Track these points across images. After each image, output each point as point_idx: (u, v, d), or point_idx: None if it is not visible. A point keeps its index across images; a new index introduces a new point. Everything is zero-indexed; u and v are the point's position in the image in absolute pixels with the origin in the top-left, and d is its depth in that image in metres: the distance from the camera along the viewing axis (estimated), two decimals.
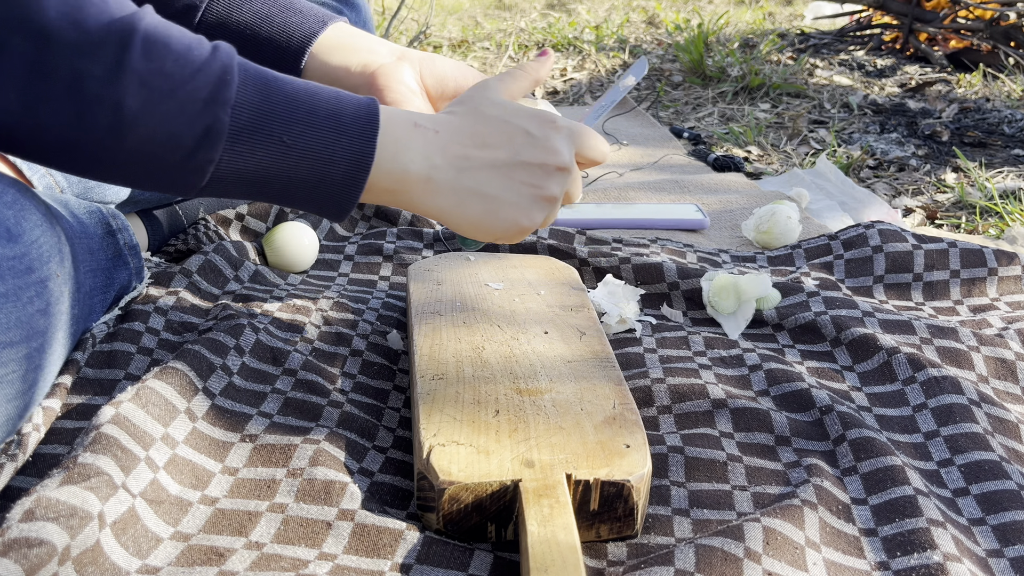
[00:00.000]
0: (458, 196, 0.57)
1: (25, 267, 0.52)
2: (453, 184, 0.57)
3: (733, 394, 0.68)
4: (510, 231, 0.59)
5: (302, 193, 0.54)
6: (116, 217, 0.74)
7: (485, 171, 0.57)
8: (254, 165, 0.51)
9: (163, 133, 0.48)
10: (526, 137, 0.58)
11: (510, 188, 0.58)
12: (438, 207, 0.57)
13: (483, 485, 0.52)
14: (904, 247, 0.91)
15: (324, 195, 0.54)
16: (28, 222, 0.53)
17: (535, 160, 0.58)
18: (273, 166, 0.52)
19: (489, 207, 0.58)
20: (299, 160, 0.52)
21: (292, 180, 0.52)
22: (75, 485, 0.48)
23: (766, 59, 2.34)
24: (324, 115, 0.52)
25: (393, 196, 0.56)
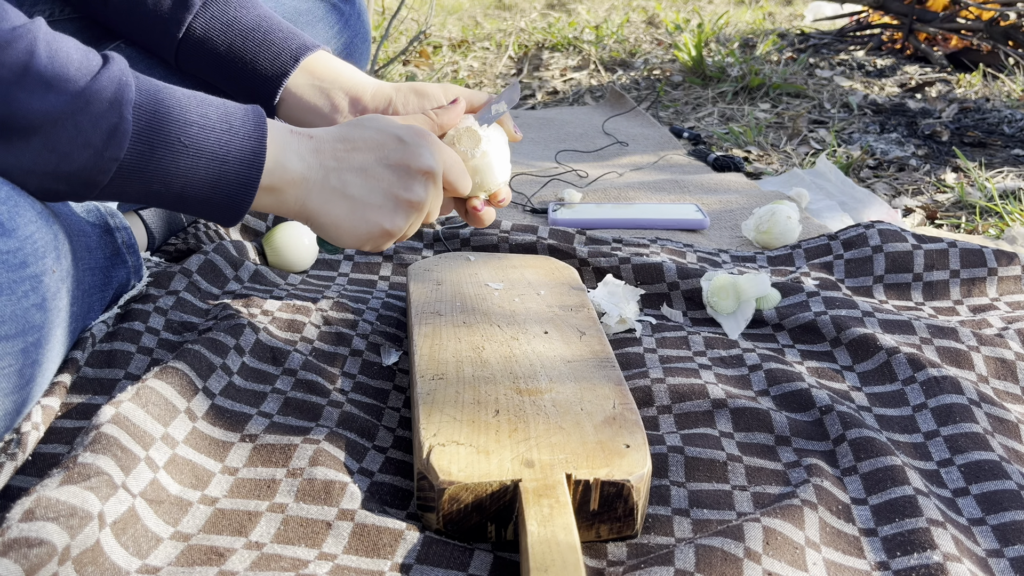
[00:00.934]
0: (325, 196, 0.60)
1: (19, 261, 0.52)
2: (322, 184, 0.60)
3: (733, 394, 0.68)
4: (373, 233, 0.62)
5: (200, 193, 0.56)
6: (114, 216, 0.74)
7: (351, 172, 0.60)
8: (155, 165, 0.53)
9: (70, 133, 0.50)
10: (395, 142, 0.61)
11: (374, 190, 0.61)
12: (309, 208, 0.60)
13: (483, 485, 0.52)
14: (904, 247, 0.91)
15: (221, 195, 0.56)
16: (23, 218, 0.54)
17: (400, 161, 0.61)
18: (172, 165, 0.54)
19: (353, 208, 0.61)
20: (196, 159, 0.54)
21: (190, 180, 0.55)
22: (75, 485, 0.48)
23: (766, 59, 2.34)
24: (216, 118, 0.55)
25: (273, 196, 0.59)
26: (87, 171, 0.52)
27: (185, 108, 0.54)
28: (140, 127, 0.52)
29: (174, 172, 0.54)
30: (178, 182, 0.55)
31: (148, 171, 0.53)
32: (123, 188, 0.54)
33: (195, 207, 0.57)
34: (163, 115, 0.53)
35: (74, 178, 0.52)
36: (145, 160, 0.53)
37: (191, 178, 0.55)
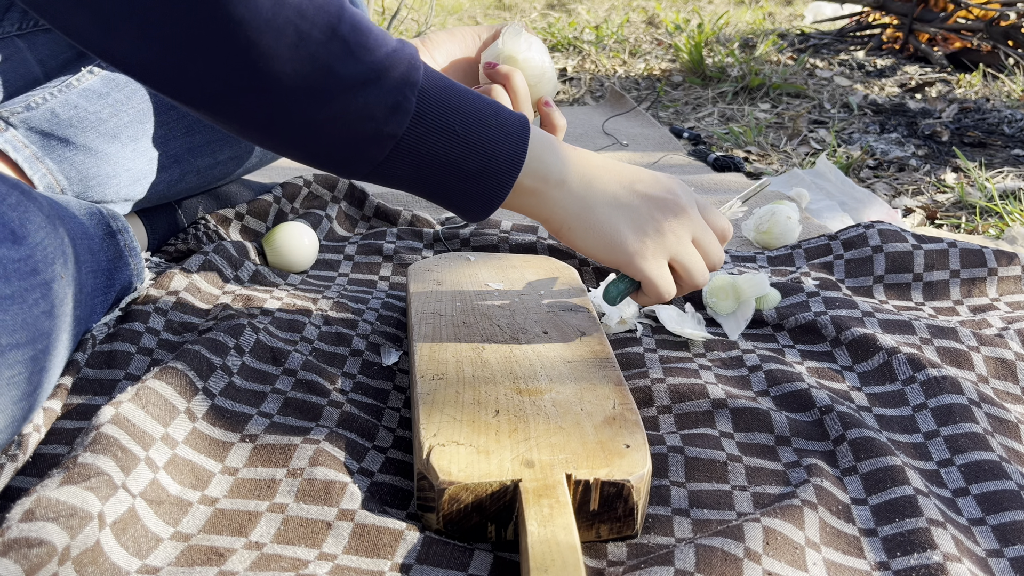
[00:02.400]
0: (584, 205, 0.62)
1: (30, 269, 0.52)
2: (583, 194, 0.62)
3: (733, 394, 0.68)
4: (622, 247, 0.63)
5: (462, 184, 0.58)
6: (116, 218, 0.74)
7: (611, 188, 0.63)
8: (427, 149, 0.55)
9: (359, 103, 0.51)
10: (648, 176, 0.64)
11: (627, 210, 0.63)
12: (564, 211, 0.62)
13: (483, 485, 0.52)
14: (904, 247, 0.91)
15: (480, 187, 0.58)
16: (32, 224, 0.53)
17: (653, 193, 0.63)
18: (443, 153, 0.55)
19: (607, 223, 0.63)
20: (466, 150, 0.56)
21: (458, 169, 0.57)
22: (75, 485, 0.48)
23: (766, 59, 2.34)
24: (489, 114, 0.57)
25: (531, 197, 0.61)
26: (366, 144, 0.53)
27: (463, 100, 0.56)
28: (423, 109, 0.54)
29: (444, 159, 0.56)
30: (446, 170, 0.56)
31: (421, 154, 0.55)
32: (393, 169, 0.55)
33: (453, 197, 0.58)
34: (444, 103, 0.55)
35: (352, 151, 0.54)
36: (420, 142, 0.54)
37: (459, 167, 0.56)
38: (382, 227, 1.02)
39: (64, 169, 0.77)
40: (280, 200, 0.99)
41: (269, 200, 0.98)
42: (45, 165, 0.75)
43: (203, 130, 0.88)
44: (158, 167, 0.85)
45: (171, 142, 0.85)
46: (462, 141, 0.56)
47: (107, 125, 0.80)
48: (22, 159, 0.74)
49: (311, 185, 1.02)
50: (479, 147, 0.56)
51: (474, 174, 0.57)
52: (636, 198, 0.63)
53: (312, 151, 0.54)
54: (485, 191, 0.58)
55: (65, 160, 0.77)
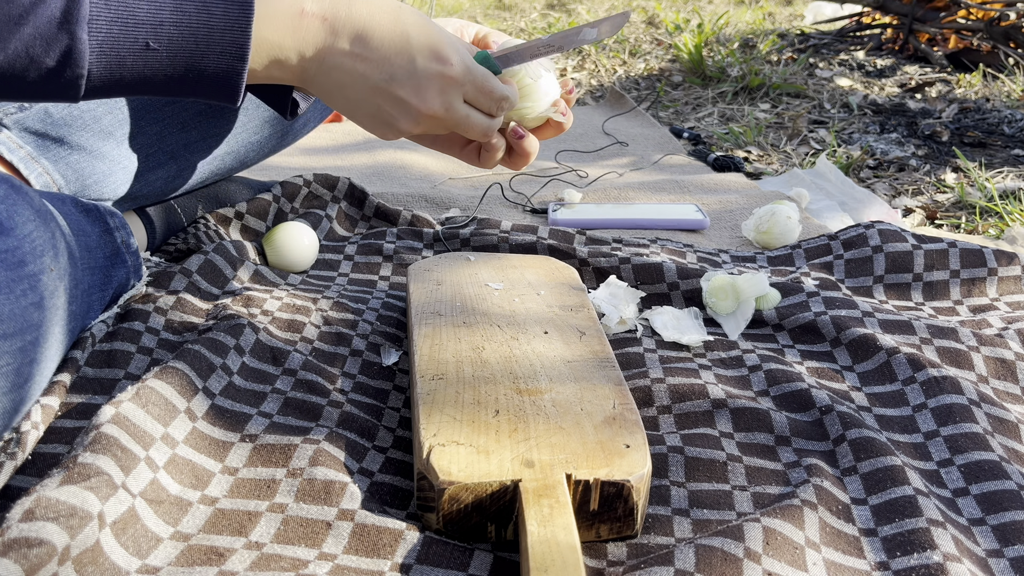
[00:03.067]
0: (326, 90, 0.59)
1: (17, 260, 0.52)
2: (322, 80, 0.58)
3: (733, 394, 0.68)
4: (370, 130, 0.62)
5: (185, 87, 0.54)
6: (113, 215, 0.74)
7: (351, 78, 0.58)
8: (127, 72, 0.51)
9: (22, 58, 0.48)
10: (407, 64, 0.58)
11: (368, 104, 0.60)
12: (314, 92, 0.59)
13: (483, 485, 0.52)
14: (904, 247, 0.91)
15: (206, 88, 0.54)
16: (20, 216, 0.54)
17: (399, 93, 0.59)
18: (146, 69, 0.51)
19: (349, 108, 0.60)
20: (171, 61, 0.51)
21: (171, 78, 0.52)
22: (75, 485, 0.48)
23: (766, 59, 2.34)
24: (192, 11, 0.51)
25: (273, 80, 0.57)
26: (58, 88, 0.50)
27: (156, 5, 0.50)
28: (100, 40, 0.49)
29: (151, 75, 0.52)
30: (160, 82, 0.53)
31: (123, 80, 0.51)
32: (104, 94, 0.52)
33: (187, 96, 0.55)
34: (127, 21, 0.50)
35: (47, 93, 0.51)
36: (115, 69, 0.50)
37: (172, 76, 0.52)
38: (382, 227, 1.02)
39: (60, 168, 0.77)
40: (280, 199, 0.99)
41: (269, 199, 0.98)
42: (41, 165, 0.75)
43: (199, 126, 0.88)
44: (155, 164, 0.85)
45: (167, 139, 0.85)
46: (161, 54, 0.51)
47: (101, 123, 0.80)
48: (17, 159, 0.74)
49: (311, 185, 1.02)
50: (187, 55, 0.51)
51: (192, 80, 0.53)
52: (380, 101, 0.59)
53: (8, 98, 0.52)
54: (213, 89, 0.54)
55: (60, 159, 0.77)
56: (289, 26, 0.55)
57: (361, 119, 0.62)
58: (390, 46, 0.57)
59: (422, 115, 0.60)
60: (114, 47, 0.50)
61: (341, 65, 0.57)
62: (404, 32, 0.58)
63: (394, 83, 0.58)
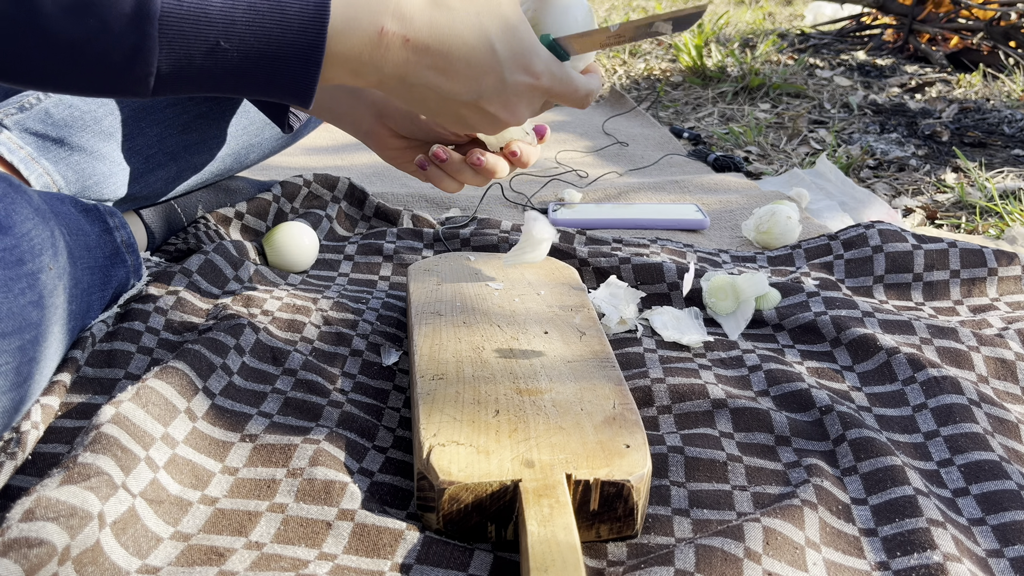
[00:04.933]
0: (404, 100, 0.58)
1: (16, 258, 0.52)
2: (401, 93, 0.57)
3: (733, 394, 0.68)
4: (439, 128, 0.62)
5: (256, 87, 0.52)
6: (113, 215, 0.74)
7: (436, 95, 0.57)
8: (195, 71, 0.50)
9: (91, 53, 0.47)
10: (496, 83, 0.56)
11: (452, 114, 0.58)
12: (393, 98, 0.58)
13: (483, 485, 0.52)
14: (904, 247, 0.91)
15: (278, 88, 0.53)
16: (19, 215, 0.54)
17: (489, 108, 0.58)
18: (216, 68, 0.50)
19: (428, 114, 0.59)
20: (242, 61, 0.50)
21: (241, 77, 0.51)
22: (75, 485, 0.48)
23: (766, 59, 2.34)
24: (266, 11, 0.50)
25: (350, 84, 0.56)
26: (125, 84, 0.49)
27: (229, 3, 0.49)
28: (170, 38, 0.48)
29: (220, 74, 0.50)
30: (229, 81, 0.51)
31: (192, 78, 0.50)
32: (174, 90, 0.51)
33: (259, 96, 0.54)
34: (199, 19, 0.48)
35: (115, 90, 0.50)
36: (185, 67, 0.49)
37: (242, 75, 0.51)
38: (382, 227, 1.02)
39: (60, 169, 0.77)
40: (280, 199, 0.99)
41: (269, 199, 0.98)
42: (41, 165, 0.75)
43: (199, 127, 0.88)
44: (155, 165, 0.85)
45: (167, 139, 0.85)
46: (232, 54, 0.50)
47: (102, 124, 0.80)
48: (17, 160, 0.74)
49: (311, 185, 1.02)
50: (258, 55, 0.50)
51: (263, 80, 0.51)
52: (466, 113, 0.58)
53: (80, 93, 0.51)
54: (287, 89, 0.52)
55: (61, 160, 0.77)
56: (367, 44, 0.53)
57: (441, 120, 0.60)
58: (477, 64, 0.56)
59: (509, 124, 0.60)
60: (184, 45, 0.49)
61: (426, 83, 0.56)
62: (490, 46, 0.55)
63: (483, 100, 0.57)
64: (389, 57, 0.54)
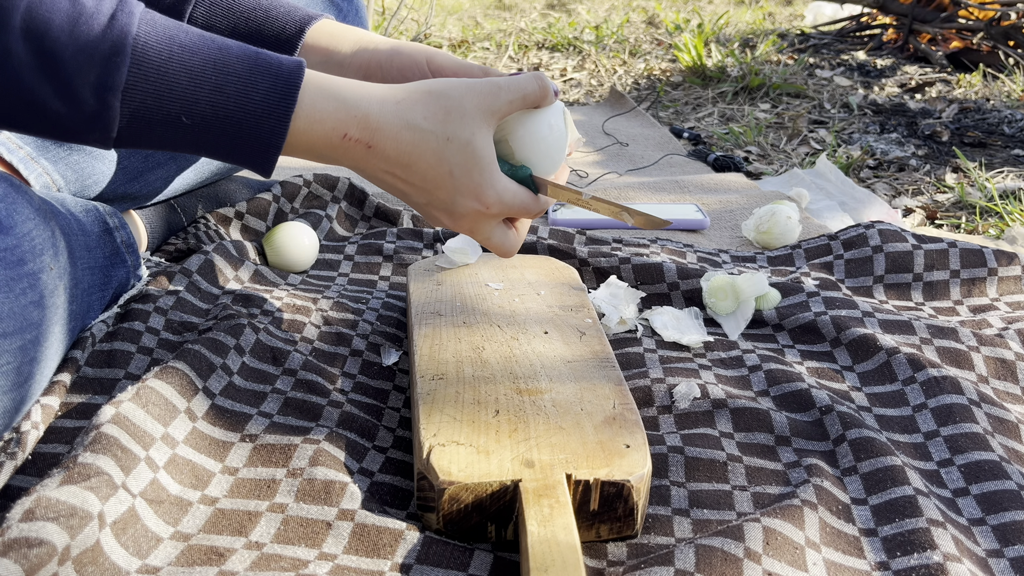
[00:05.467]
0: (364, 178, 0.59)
1: (17, 259, 0.52)
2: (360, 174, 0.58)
3: (733, 394, 0.68)
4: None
5: (216, 155, 0.53)
6: (113, 215, 0.74)
7: (392, 189, 0.58)
8: (156, 139, 0.50)
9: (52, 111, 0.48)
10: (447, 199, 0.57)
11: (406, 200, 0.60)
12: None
13: (483, 485, 0.52)
14: (904, 247, 0.91)
15: (238, 160, 0.53)
16: (20, 215, 0.54)
17: (438, 216, 0.60)
18: (176, 138, 0.51)
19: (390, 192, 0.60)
20: (202, 135, 0.51)
21: (200, 148, 0.52)
22: (75, 485, 0.48)
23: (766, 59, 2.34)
24: (232, 93, 0.50)
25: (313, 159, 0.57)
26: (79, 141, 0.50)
27: (196, 82, 0.49)
28: (133, 109, 0.48)
29: (180, 143, 0.51)
30: (189, 148, 0.52)
31: (151, 142, 0.51)
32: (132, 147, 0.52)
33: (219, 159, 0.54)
34: (163, 95, 0.49)
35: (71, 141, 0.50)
36: (144, 135, 0.50)
37: (202, 147, 0.52)
38: (382, 227, 1.02)
39: (60, 168, 0.77)
40: (280, 199, 0.99)
41: (269, 199, 0.98)
42: (40, 165, 0.75)
43: None
44: (154, 164, 0.85)
45: None
46: (195, 130, 0.50)
47: None
48: (17, 160, 0.74)
49: (311, 185, 1.02)
50: (218, 132, 0.50)
51: (224, 153, 0.52)
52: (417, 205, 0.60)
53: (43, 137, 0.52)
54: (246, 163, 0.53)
55: (60, 160, 0.77)
56: (328, 144, 0.54)
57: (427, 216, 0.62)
58: (432, 181, 0.57)
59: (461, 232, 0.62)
60: (145, 117, 0.49)
61: (383, 180, 0.58)
62: (448, 171, 0.56)
63: (431, 207, 0.59)
64: (349, 155, 0.55)
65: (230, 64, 0.50)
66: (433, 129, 0.55)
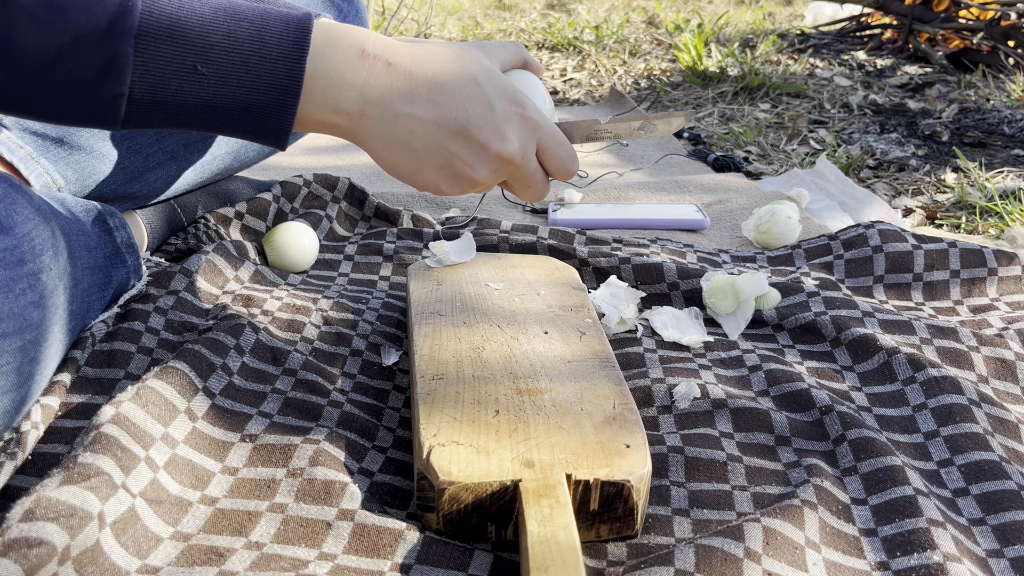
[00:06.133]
0: (387, 142, 0.55)
1: (16, 259, 0.52)
2: (384, 130, 0.54)
3: (733, 394, 0.68)
4: (425, 186, 0.58)
5: (230, 121, 0.51)
6: (113, 215, 0.74)
7: (422, 126, 0.54)
8: (170, 96, 0.48)
9: (62, 69, 0.46)
10: (484, 109, 0.54)
11: (440, 153, 0.55)
12: (363, 142, 0.55)
13: (483, 485, 0.52)
14: (904, 247, 0.91)
15: (253, 123, 0.51)
16: (19, 215, 0.54)
17: (479, 136, 0.55)
18: (191, 95, 0.48)
19: (412, 162, 0.56)
20: (218, 88, 0.48)
21: (216, 108, 0.50)
22: (75, 485, 0.48)
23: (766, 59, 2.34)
24: (246, 37, 0.48)
25: (327, 129, 0.54)
26: (96, 107, 0.48)
27: (208, 28, 0.47)
28: (146, 57, 0.46)
29: (195, 102, 0.49)
30: (204, 112, 0.50)
31: (166, 103, 0.48)
32: (145, 120, 0.49)
33: (231, 132, 0.52)
34: (177, 40, 0.47)
35: (86, 115, 0.49)
36: (159, 92, 0.47)
37: (218, 106, 0.49)
38: (382, 227, 1.02)
39: (60, 168, 0.77)
40: (280, 199, 0.99)
41: (269, 199, 0.98)
42: (41, 165, 0.75)
43: None
44: (154, 164, 0.85)
45: (166, 138, 0.85)
46: (209, 80, 0.48)
47: None
48: (17, 160, 0.74)
49: (311, 185, 1.03)
50: (234, 82, 0.48)
51: (239, 112, 0.49)
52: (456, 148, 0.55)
53: (49, 118, 0.49)
54: (261, 126, 0.51)
55: (61, 159, 0.77)
56: (349, 64, 0.51)
57: (427, 173, 0.56)
58: (463, 92, 0.54)
59: (501, 159, 0.56)
60: (160, 66, 0.47)
61: (411, 112, 0.53)
62: (473, 78, 0.54)
63: (471, 127, 0.54)
64: (372, 80, 0.52)
65: (240, 11, 0.49)
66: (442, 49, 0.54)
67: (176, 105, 0.49)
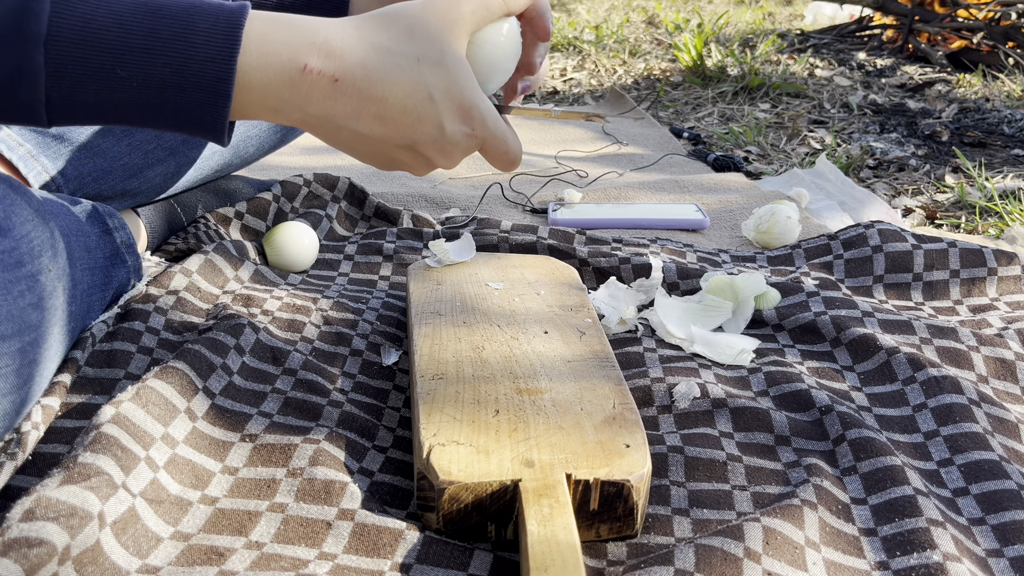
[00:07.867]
0: (331, 140, 0.53)
1: (15, 260, 0.52)
2: (326, 135, 0.53)
3: (733, 394, 0.68)
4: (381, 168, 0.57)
5: (163, 121, 0.48)
6: (113, 216, 0.74)
7: (366, 140, 0.53)
8: (92, 98, 0.46)
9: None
10: (434, 130, 0.52)
11: (384, 156, 0.55)
12: (318, 136, 0.54)
13: (483, 485, 0.52)
14: (904, 247, 0.91)
15: (187, 122, 0.48)
16: (18, 216, 0.53)
17: (425, 153, 0.54)
18: (114, 98, 0.46)
19: (357, 156, 0.55)
20: (142, 91, 0.46)
21: (145, 108, 0.47)
22: (75, 485, 0.48)
23: (766, 59, 2.34)
24: (168, 37, 0.45)
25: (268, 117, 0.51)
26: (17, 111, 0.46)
27: (126, 28, 0.44)
28: (59, 64, 0.44)
29: (121, 104, 0.46)
30: (133, 112, 0.47)
31: (90, 107, 0.46)
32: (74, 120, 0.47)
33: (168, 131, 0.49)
34: (91, 43, 0.44)
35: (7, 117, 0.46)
36: (79, 95, 0.45)
37: (146, 106, 0.47)
38: (382, 227, 1.02)
39: (59, 165, 0.77)
40: (280, 199, 0.99)
41: (269, 199, 0.98)
42: (40, 163, 0.75)
43: None
44: (154, 160, 0.85)
45: (165, 135, 0.85)
46: (132, 83, 0.45)
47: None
48: (16, 157, 0.74)
49: (311, 184, 1.02)
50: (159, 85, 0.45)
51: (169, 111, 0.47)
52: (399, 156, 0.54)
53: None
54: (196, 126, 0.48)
55: (60, 156, 0.77)
56: (286, 81, 0.48)
57: (369, 163, 0.56)
58: (414, 112, 0.51)
59: (443, 167, 0.57)
60: (76, 71, 0.45)
61: (356, 128, 0.52)
62: (428, 95, 0.51)
63: (418, 145, 0.53)
64: (314, 97, 0.49)
65: (164, 7, 0.46)
66: (401, 51, 0.50)
67: (101, 106, 0.47)
